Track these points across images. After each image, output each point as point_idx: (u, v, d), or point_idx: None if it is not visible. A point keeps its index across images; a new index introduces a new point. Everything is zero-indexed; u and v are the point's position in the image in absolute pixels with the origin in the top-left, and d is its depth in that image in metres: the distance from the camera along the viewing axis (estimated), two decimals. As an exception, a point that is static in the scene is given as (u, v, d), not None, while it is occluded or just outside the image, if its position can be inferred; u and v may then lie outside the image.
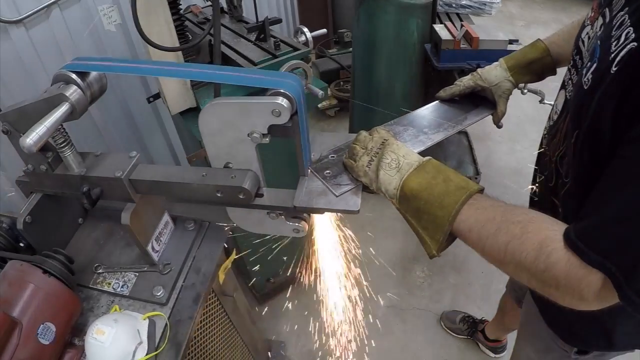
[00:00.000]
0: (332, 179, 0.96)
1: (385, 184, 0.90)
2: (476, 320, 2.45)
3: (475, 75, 1.27)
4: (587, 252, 0.67)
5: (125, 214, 1.10)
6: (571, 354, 1.22)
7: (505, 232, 0.76)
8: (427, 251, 0.90)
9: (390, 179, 0.89)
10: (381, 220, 3.17)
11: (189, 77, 1.44)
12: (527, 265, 0.73)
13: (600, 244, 0.66)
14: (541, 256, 0.71)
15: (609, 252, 0.66)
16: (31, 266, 1.07)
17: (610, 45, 0.74)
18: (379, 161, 0.91)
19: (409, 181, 0.87)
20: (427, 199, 0.84)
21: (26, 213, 1.19)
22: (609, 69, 0.71)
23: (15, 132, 1.06)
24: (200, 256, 1.30)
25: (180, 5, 1.62)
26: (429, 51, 2.66)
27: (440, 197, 0.83)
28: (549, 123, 1.14)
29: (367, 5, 2.69)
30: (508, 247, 0.75)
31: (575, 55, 0.98)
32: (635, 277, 0.64)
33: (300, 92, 0.85)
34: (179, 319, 1.16)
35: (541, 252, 0.71)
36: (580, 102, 0.82)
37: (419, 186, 0.85)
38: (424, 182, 0.85)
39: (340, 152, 1.04)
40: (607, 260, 0.65)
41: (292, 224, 1.00)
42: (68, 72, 1.00)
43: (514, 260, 0.75)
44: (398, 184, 0.88)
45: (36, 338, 1.00)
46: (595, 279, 0.67)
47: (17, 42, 2.00)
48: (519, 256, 0.74)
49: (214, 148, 0.94)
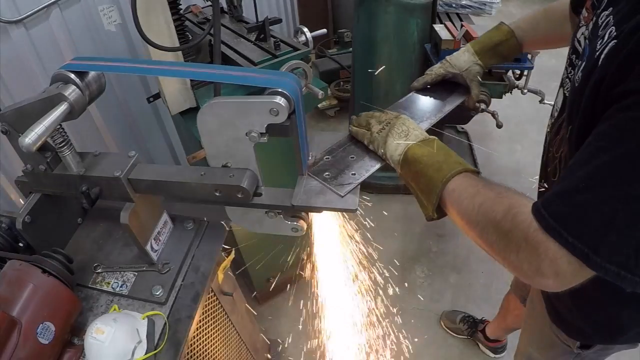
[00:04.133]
0: (333, 180, 0.97)
1: (391, 150, 0.98)
2: (476, 320, 2.45)
3: (445, 63, 1.31)
4: (555, 226, 0.68)
5: (124, 213, 1.11)
6: (574, 348, 1.23)
7: (482, 195, 0.81)
8: (424, 213, 0.96)
9: (397, 146, 0.97)
10: (381, 220, 3.18)
11: (186, 77, 1.44)
12: (495, 223, 0.77)
13: (561, 214, 0.68)
14: (508, 216, 0.75)
15: (573, 225, 0.67)
16: (30, 266, 1.07)
17: (596, 44, 0.77)
18: (390, 129, 1.00)
19: (413, 148, 0.95)
20: (426, 163, 0.92)
21: (25, 213, 1.19)
22: (595, 66, 0.74)
23: (14, 132, 1.06)
24: (199, 255, 1.30)
25: (180, 5, 1.62)
26: (429, 51, 2.65)
27: (438, 164, 0.91)
28: (550, 120, 1.16)
29: (367, 5, 2.69)
30: (481, 207, 0.80)
31: (571, 55, 0.99)
32: (601, 246, 0.65)
33: (298, 91, 0.86)
34: (178, 318, 1.16)
35: (509, 212, 0.75)
36: (572, 99, 0.85)
37: (421, 153, 0.93)
38: (426, 152, 0.93)
39: (334, 152, 1.05)
40: (570, 234, 0.67)
41: (291, 223, 1.00)
42: (66, 72, 1.00)
43: (483, 219, 0.79)
44: (403, 151, 0.96)
45: (35, 337, 1.00)
46: (554, 250, 0.69)
47: (17, 42, 2.00)
48: (489, 215, 0.78)
49: (212, 147, 0.94)
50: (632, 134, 0.63)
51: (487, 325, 2.38)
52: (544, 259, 0.70)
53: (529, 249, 0.71)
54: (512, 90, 2.67)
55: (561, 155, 1.01)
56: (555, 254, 0.68)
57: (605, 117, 0.69)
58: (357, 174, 0.99)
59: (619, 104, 0.66)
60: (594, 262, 0.66)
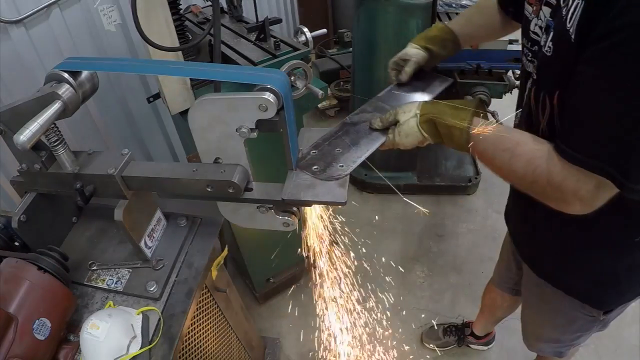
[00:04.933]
0: (322, 173, 0.98)
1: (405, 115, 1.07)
2: (459, 326, 2.43)
3: (392, 60, 1.37)
4: (585, 160, 0.80)
5: (118, 210, 1.12)
6: (599, 317, 1.31)
7: (499, 157, 0.96)
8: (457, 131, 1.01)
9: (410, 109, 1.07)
10: (381, 220, 3.18)
11: (177, 74, 1.45)
12: (518, 181, 0.96)
13: (594, 151, 0.80)
14: (528, 171, 0.90)
15: (606, 158, 0.78)
16: (26, 263, 1.08)
17: (562, 11, 0.85)
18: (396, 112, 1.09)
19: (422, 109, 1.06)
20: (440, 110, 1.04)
21: (21, 212, 1.20)
22: (564, 27, 0.83)
23: (9, 131, 1.07)
24: (192, 252, 1.31)
25: (180, 5, 1.63)
26: (429, 51, 2.65)
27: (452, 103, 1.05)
28: (520, 113, 1.22)
29: (367, 5, 2.69)
30: (502, 170, 0.97)
31: (531, 47, 1.06)
32: (632, 172, 0.77)
33: (287, 87, 0.86)
34: (172, 314, 1.17)
35: (528, 168, 0.90)
36: (547, 69, 0.95)
37: (432, 110, 1.05)
38: (434, 110, 1.05)
39: (320, 146, 1.06)
40: (606, 165, 0.78)
41: (282, 217, 1.01)
42: (60, 71, 1.02)
43: (508, 179, 0.99)
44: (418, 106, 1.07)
45: (32, 333, 1.01)
46: (574, 183, 0.84)
47: (17, 42, 2.02)
48: (512, 175, 0.96)
49: (203, 144, 0.95)
50: (634, 67, 0.71)
51: (472, 326, 2.37)
52: (567, 192, 0.85)
53: (553, 190, 0.88)
54: (512, 90, 2.68)
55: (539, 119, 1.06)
56: (575, 186, 0.83)
57: (593, 58, 0.77)
58: (345, 165, 1.00)
59: (606, 42, 0.73)
60: (628, 187, 0.78)
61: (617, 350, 2.32)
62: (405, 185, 3.28)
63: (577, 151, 0.81)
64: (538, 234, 1.29)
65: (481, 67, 2.51)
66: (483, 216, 3.14)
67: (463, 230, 3.07)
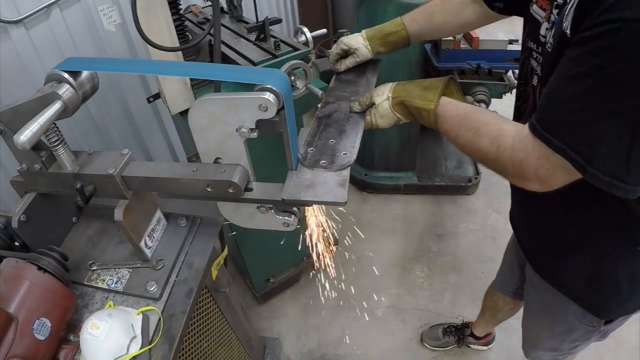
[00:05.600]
0: (333, 165, 1.00)
1: (379, 97, 1.13)
2: (459, 327, 2.43)
3: (340, 43, 1.41)
4: (549, 138, 0.82)
5: (118, 210, 1.12)
6: (599, 327, 1.30)
7: (463, 135, 1.00)
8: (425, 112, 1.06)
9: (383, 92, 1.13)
10: (381, 220, 3.18)
11: (177, 74, 1.45)
12: (481, 157, 0.98)
13: (559, 131, 0.81)
14: (492, 149, 0.93)
15: (570, 141, 0.80)
16: (26, 263, 1.08)
17: (565, 9, 0.86)
18: (371, 95, 1.15)
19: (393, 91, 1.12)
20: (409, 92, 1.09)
21: (21, 212, 1.20)
22: (562, 23, 0.85)
23: (9, 131, 1.07)
24: (192, 252, 1.31)
25: (180, 5, 1.63)
26: (429, 51, 2.66)
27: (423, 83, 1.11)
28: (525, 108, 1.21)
29: (367, 5, 2.69)
30: (465, 148, 1.01)
31: (537, 48, 1.06)
32: (594, 159, 0.79)
33: (287, 87, 0.87)
34: (172, 314, 1.17)
35: (492, 144, 0.93)
36: (548, 64, 0.94)
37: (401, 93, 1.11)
38: (403, 93, 1.10)
39: (313, 143, 1.07)
40: (568, 147, 0.80)
41: (282, 217, 1.01)
42: (60, 71, 1.02)
43: (471, 149, 0.99)
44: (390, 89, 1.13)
45: (32, 333, 1.01)
46: (534, 162, 0.86)
47: (17, 42, 2.02)
48: (476, 152, 0.98)
49: (203, 144, 0.96)
50: (608, 60, 0.74)
51: (473, 327, 2.37)
52: (528, 169, 0.88)
53: (514, 167, 0.90)
54: (512, 90, 2.68)
55: None
56: (537, 164, 0.86)
57: (579, 42, 0.78)
58: (347, 152, 1.02)
59: (592, 32, 0.75)
60: (589, 173, 0.79)
61: (617, 350, 2.32)
62: (405, 185, 3.28)
63: (543, 128, 0.83)
64: (542, 235, 1.29)
65: (481, 67, 2.52)
66: (483, 216, 3.14)
67: (463, 230, 3.07)
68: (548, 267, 1.33)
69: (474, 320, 2.36)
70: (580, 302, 1.27)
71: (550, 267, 1.31)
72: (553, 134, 0.82)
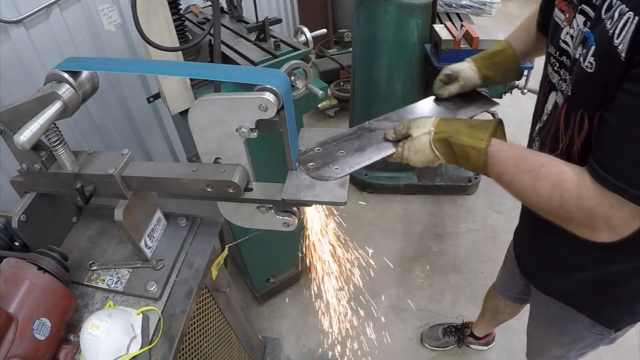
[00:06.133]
0: (315, 171, 0.98)
1: (418, 130, 1.02)
2: (459, 327, 2.43)
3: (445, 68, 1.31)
4: (624, 188, 0.75)
5: (118, 210, 1.12)
6: (608, 335, 1.28)
7: (520, 180, 0.90)
8: (474, 151, 0.96)
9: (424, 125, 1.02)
10: (381, 220, 3.18)
11: (177, 74, 1.45)
12: (542, 205, 0.88)
13: (635, 178, 0.75)
14: (555, 195, 0.84)
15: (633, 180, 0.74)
16: (26, 263, 1.08)
17: (605, 25, 0.79)
18: (409, 125, 1.04)
19: (437, 126, 1.01)
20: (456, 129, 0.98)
21: (21, 212, 1.20)
22: (611, 43, 0.77)
23: (9, 131, 1.07)
24: (192, 252, 1.31)
25: (180, 5, 1.63)
26: (429, 51, 2.66)
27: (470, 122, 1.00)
28: (538, 126, 1.16)
29: (367, 5, 2.69)
30: (523, 194, 0.91)
31: (559, 57, 1.00)
32: None
33: (287, 87, 0.87)
34: (172, 314, 1.17)
35: (554, 191, 0.84)
36: (588, 87, 0.87)
37: (447, 129, 0.99)
38: (449, 128, 0.99)
39: (326, 145, 1.06)
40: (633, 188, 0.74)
41: (282, 217, 1.01)
42: (60, 71, 1.02)
43: (529, 203, 0.92)
44: (434, 123, 1.01)
45: (32, 333, 1.01)
46: (606, 209, 0.79)
47: (17, 42, 2.02)
48: (535, 199, 0.89)
49: (203, 144, 0.96)
50: None
51: (473, 327, 2.37)
52: (598, 219, 0.80)
53: (582, 216, 0.82)
54: (512, 90, 2.68)
55: (567, 147, 1.00)
56: (608, 213, 0.79)
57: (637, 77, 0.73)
58: (340, 169, 0.99)
59: None
60: None
61: (617, 350, 2.32)
62: (406, 185, 3.28)
63: (615, 177, 0.76)
64: (553, 254, 1.24)
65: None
66: (483, 216, 3.14)
67: (463, 230, 3.07)
68: (554, 285, 1.29)
69: (474, 320, 2.36)
70: (590, 314, 1.24)
71: (557, 284, 1.28)
72: (631, 184, 0.75)
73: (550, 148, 1.05)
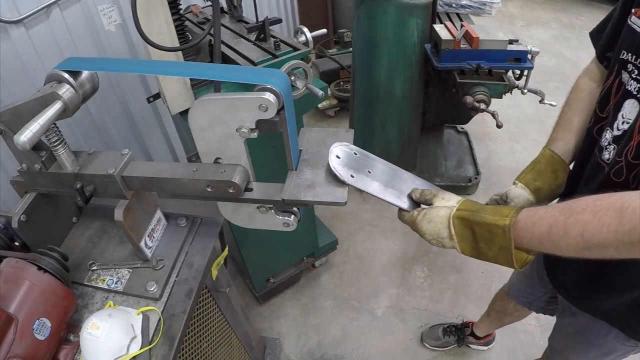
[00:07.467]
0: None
1: (441, 201, 0.98)
2: (459, 327, 2.43)
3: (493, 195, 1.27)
4: None
5: (118, 210, 1.12)
6: (638, 346, 1.25)
7: (575, 224, 0.77)
8: (498, 229, 0.88)
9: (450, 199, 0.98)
10: (381, 220, 3.18)
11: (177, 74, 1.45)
12: (611, 237, 0.73)
13: None
14: (624, 219, 0.71)
15: None
16: (26, 263, 1.08)
17: None
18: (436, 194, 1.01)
19: (462, 204, 0.95)
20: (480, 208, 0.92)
21: (21, 212, 1.20)
22: None
23: (9, 131, 1.07)
24: (192, 252, 1.31)
25: (180, 5, 1.62)
26: (429, 51, 2.66)
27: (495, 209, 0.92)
28: (613, 133, 1.07)
29: (367, 5, 2.69)
30: (584, 235, 0.76)
31: (635, 61, 0.96)
32: None
33: (287, 87, 0.87)
34: (172, 314, 1.17)
35: (623, 215, 0.71)
36: None
37: (471, 207, 0.94)
38: (473, 207, 0.93)
39: (367, 157, 1.03)
40: None
41: (282, 217, 1.02)
42: (60, 71, 1.02)
43: (594, 243, 0.75)
44: (459, 200, 0.97)
45: (32, 333, 1.01)
46: None
47: (17, 42, 2.02)
48: (600, 235, 0.74)
49: (203, 144, 0.96)
50: None
51: (474, 327, 2.36)
52: None
53: None
54: (512, 90, 2.68)
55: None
56: None
57: None
58: (355, 179, 0.97)
59: None
60: None
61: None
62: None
63: None
64: (604, 273, 1.17)
65: (481, 67, 2.51)
66: (483, 216, 3.14)
67: (463, 230, 3.06)
68: (601, 305, 1.23)
69: (475, 320, 2.36)
70: (626, 329, 1.20)
71: (604, 304, 1.22)
72: None
73: (634, 157, 0.98)
